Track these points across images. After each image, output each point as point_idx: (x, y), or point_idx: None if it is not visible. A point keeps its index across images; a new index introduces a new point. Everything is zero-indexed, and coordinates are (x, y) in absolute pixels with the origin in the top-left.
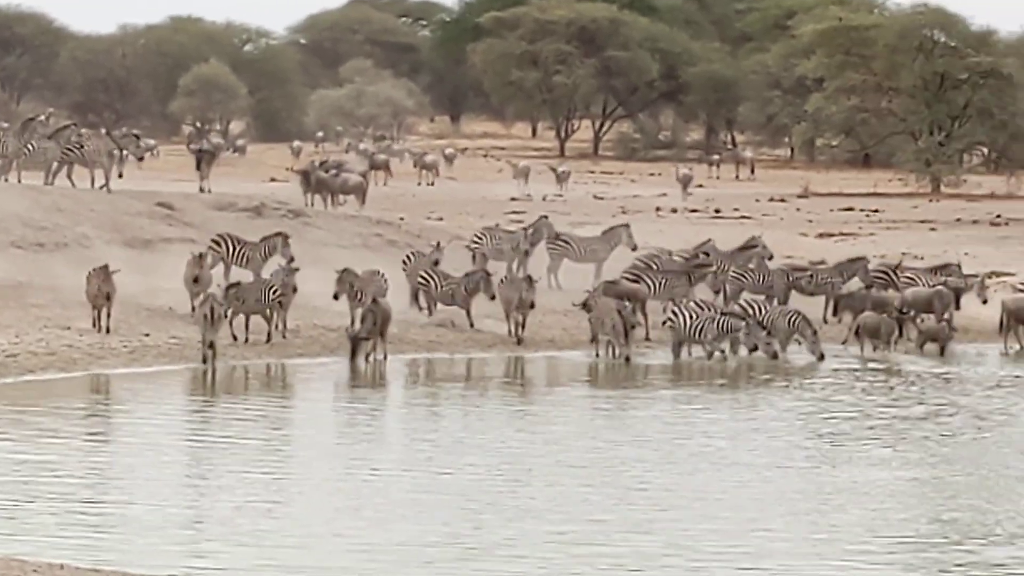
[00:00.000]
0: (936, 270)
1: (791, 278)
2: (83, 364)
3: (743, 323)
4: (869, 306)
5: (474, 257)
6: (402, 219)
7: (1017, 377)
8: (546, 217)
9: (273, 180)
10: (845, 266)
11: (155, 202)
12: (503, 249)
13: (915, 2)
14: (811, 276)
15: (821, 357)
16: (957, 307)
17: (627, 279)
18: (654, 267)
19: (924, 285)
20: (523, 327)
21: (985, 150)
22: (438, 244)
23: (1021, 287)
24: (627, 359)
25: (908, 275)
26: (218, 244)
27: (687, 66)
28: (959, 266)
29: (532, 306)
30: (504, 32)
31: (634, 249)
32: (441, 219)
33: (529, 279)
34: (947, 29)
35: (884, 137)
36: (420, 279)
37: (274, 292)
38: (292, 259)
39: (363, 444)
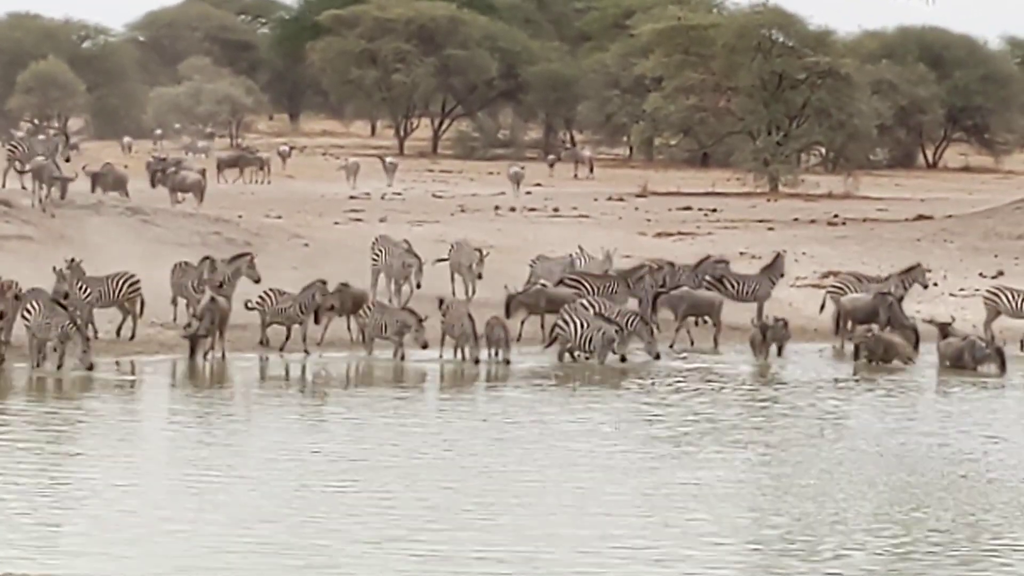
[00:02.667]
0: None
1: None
2: None
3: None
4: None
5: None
6: (240, 217)
7: (853, 378)
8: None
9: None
10: (769, 270)
11: None
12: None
13: (753, 2)
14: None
15: (657, 357)
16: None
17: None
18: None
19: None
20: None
21: (823, 150)
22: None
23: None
24: (476, 360)
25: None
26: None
27: (526, 65)
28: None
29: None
30: (343, 30)
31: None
32: (280, 217)
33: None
34: (785, 29)
35: (722, 136)
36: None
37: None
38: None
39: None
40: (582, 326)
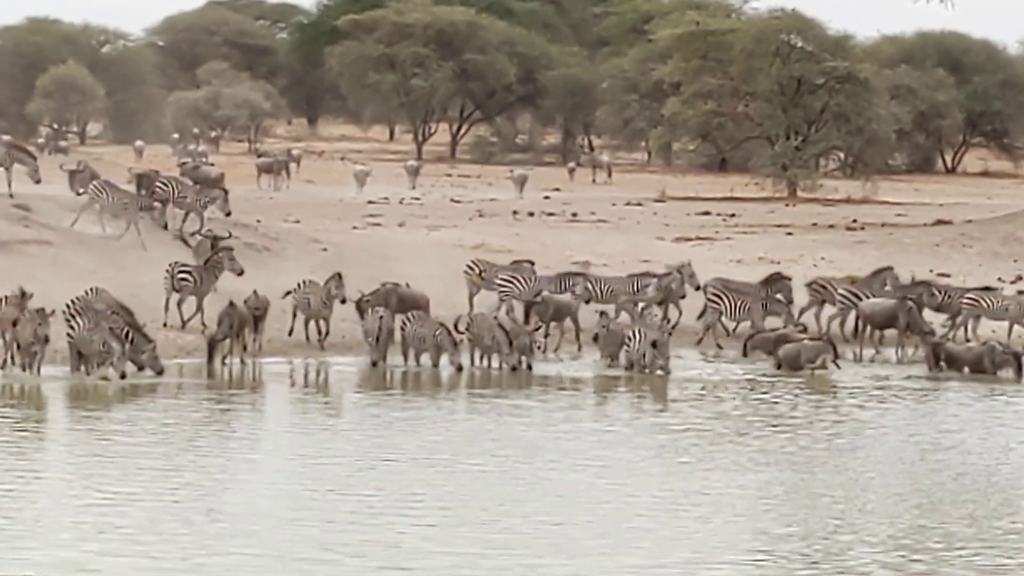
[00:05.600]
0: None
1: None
2: None
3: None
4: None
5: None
6: (259, 221)
7: (872, 383)
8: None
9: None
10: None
11: (12, 204)
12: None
13: (772, 7)
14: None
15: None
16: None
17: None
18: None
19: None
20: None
21: (841, 154)
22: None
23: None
24: (513, 368)
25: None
26: None
27: (545, 70)
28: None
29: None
30: (361, 35)
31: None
32: (298, 222)
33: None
34: (804, 34)
35: (741, 141)
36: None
37: None
38: None
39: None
40: (642, 339)
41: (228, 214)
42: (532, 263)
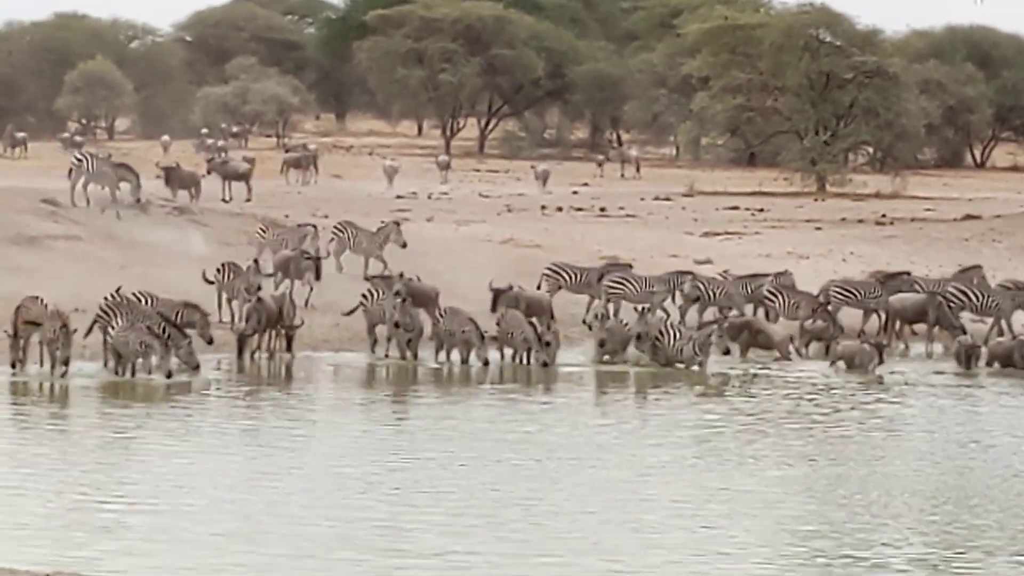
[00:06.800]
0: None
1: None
2: None
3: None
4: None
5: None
6: (287, 216)
7: (902, 379)
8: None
9: (158, 177)
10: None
11: (40, 199)
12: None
13: (801, 1)
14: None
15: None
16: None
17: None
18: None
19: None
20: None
21: (870, 149)
22: None
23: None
24: (545, 364)
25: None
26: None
27: (573, 64)
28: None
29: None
30: (390, 30)
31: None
32: (327, 216)
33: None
34: (833, 28)
35: (769, 136)
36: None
37: None
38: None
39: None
40: (676, 336)
41: (404, 245)
42: (630, 265)
